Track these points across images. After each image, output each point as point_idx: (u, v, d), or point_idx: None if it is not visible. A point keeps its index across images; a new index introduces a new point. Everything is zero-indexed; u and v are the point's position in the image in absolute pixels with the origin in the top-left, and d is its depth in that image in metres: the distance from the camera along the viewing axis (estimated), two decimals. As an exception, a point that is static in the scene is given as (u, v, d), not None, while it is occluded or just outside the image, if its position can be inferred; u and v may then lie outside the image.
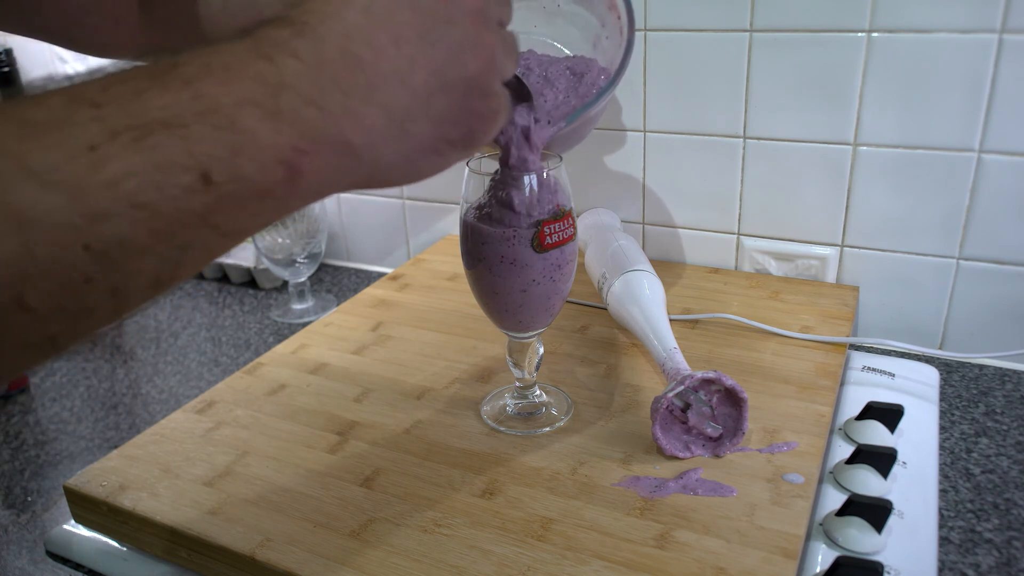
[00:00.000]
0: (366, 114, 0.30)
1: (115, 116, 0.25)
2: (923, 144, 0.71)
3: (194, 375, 0.79)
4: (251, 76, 0.27)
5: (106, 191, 0.25)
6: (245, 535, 0.49)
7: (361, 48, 0.30)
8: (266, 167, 0.28)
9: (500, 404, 0.61)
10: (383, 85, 0.31)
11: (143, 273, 0.27)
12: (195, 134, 0.26)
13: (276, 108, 0.28)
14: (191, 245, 0.27)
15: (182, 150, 0.26)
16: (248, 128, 0.27)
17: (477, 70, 0.34)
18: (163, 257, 0.27)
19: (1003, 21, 0.64)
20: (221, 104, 0.27)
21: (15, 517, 0.60)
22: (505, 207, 0.50)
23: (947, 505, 0.55)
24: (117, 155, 0.25)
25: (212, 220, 0.27)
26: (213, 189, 0.26)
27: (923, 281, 0.75)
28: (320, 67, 0.29)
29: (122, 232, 0.25)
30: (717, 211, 0.82)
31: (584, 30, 0.65)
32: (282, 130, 0.28)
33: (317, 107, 0.29)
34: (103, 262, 0.25)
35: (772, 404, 0.59)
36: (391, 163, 0.32)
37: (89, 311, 0.26)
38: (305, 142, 0.29)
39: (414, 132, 0.32)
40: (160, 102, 0.26)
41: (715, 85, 0.77)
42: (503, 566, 0.45)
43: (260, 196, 0.28)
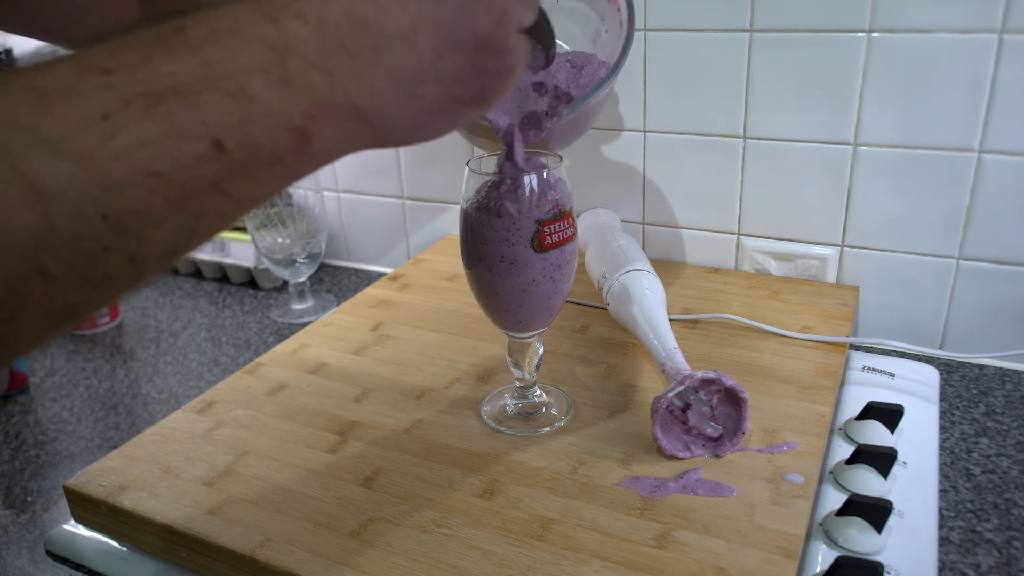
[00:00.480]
0: (373, 77, 0.30)
1: (125, 84, 0.25)
2: (923, 144, 0.71)
3: (194, 375, 0.79)
4: (257, 40, 0.27)
5: (121, 161, 0.25)
6: (245, 535, 0.49)
7: (365, 8, 0.29)
8: (276, 134, 0.28)
9: (500, 404, 0.61)
10: (389, 47, 0.30)
11: (160, 241, 0.27)
12: (205, 102, 0.26)
13: (284, 74, 0.27)
14: (205, 213, 0.27)
15: (194, 118, 0.26)
16: (257, 95, 0.27)
17: (488, 27, 0.32)
18: (179, 225, 0.27)
19: (1003, 21, 0.64)
20: (229, 71, 0.26)
21: (15, 517, 0.60)
22: (506, 203, 0.50)
23: (947, 505, 0.55)
24: (130, 124, 0.25)
25: (225, 187, 0.27)
26: (226, 156, 0.27)
27: (923, 281, 0.75)
28: (324, 30, 0.28)
29: (139, 201, 0.25)
30: (717, 211, 0.82)
31: (584, 26, 0.65)
32: (290, 97, 0.28)
33: (323, 72, 0.28)
34: (121, 231, 0.25)
35: (772, 404, 0.59)
36: (400, 125, 0.32)
37: (108, 279, 0.26)
38: (314, 108, 0.28)
39: (423, 94, 0.32)
40: (169, 68, 0.26)
41: (715, 85, 0.77)
42: (503, 566, 0.45)
43: (272, 163, 0.28)
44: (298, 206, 0.88)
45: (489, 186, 0.51)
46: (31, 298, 0.24)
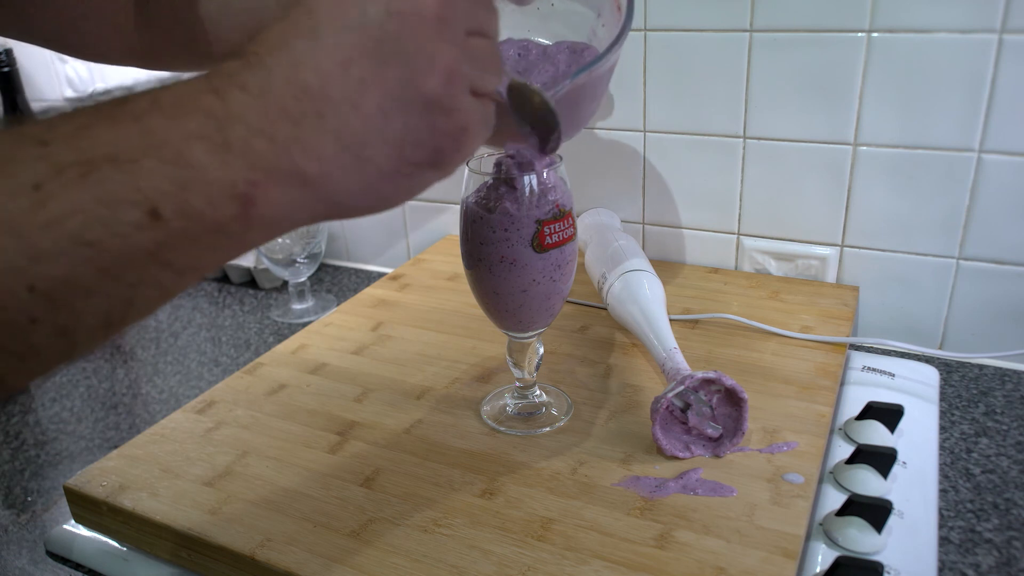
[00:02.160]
0: (318, 142, 0.29)
1: (61, 153, 0.25)
2: (923, 144, 0.71)
3: (194, 375, 0.79)
4: (199, 110, 0.27)
5: (49, 230, 0.24)
6: (245, 535, 0.49)
7: (308, 75, 0.29)
8: (216, 201, 0.27)
9: (500, 404, 0.61)
10: (332, 112, 0.29)
11: (92, 313, 0.26)
12: (142, 169, 0.25)
13: (224, 141, 0.27)
14: (142, 283, 0.27)
15: (129, 185, 0.25)
16: (196, 162, 0.26)
17: (436, 86, 0.31)
18: (113, 296, 0.26)
19: (1003, 21, 0.64)
20: (169, 139, 0.26)
21: (15, 517, 0.60)
22: (506, 203, 0.50)
23: (947, 505, 0.55)
24: (61, 192, 0.24)
25: (164, 257, 0.27)
26: (162, 225, 0.26)
27: (923, 281, 0.75)
28: (266, 97, 0.28)
29: (67, 272, 0.25)
30: (717, 211, 0.82)
31: (579, 28, 0.65)
32: (231, 163, 0.27)
33: (266, 138, 0.28)
34: (48, 302, 0.25)
35: (772, 404, 0.59)
36: (351, 190, 0.31)
37: (36, 351, 0.25)
38: (256, 173, 0.28)
39: (371, 157, 0.31)
40: (107, 137, 0.25)
41: (715, 85, 0.77)
42: (503, 566, 0.45)
43: (213, 231, 0.27)
44: (298, 206, 0.88)
45: (489, 186, 0.51)
46: None
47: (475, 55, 0.33)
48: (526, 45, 0.58)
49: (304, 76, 0.29)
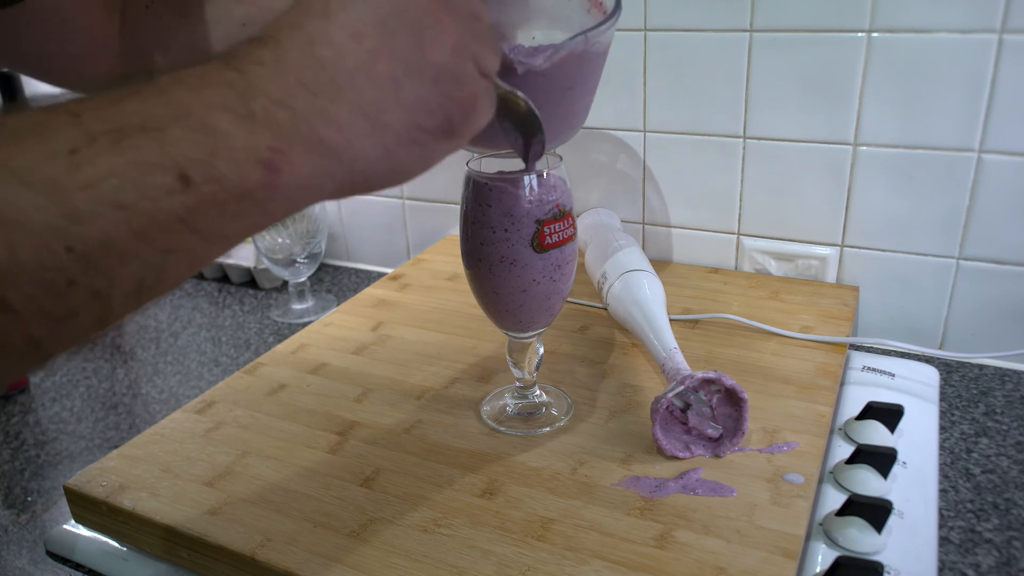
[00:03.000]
0: (336, 111, 0.30)
1: (92, 121, 0.26)
2: (923, 144, 0.71)
3: (194, 375, 0.79)
4: (221, 83, 0.28)
5: (86, 191, 0.25)
6: (245, 535, 0.49)
7: (322, 49, 0.30)
8: (243, 167, 0.28)
9: (500, 404, 0.61)
10: (348, 81, 0.31)
11: (126, 278, 0.27)
12: (171, 137, 0.26)
13: (248, 111, 0.28)
14: (173, 250, 0.27)
15: (159, 151, 0.26)
16: (222, 130, 0.27)
17: (444, 56, 0.33)
18: (146, 262, 0.27)
19: (1003, 21, 0.64)
20: (194, 109, 0.27)
21: (15, 517, 0.60)
22: (506, 203, 0.50)
23: (947, 505, 0.55)
24: (95, 157, 0.25)
25: (193, 223, 0.27)
26: (192, 190, 0.27)
27: (923, 281, 0.75)
28: (284, 71, 0.30)
29: (104, 233, 0.25)
30: (717, 211, 0.82)
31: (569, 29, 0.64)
32: (256, 131, 0.28)
33: (287, 108, 0.29)
34: (86, 264, 0.25)
35: (772, 404, 0.59)
36: (372, 158, 0.32)
37: (72, 314, 0.26)
38: (279, 142, 0.29)
39: (388, 123, 0.32)
40: (135, 107, 0.27)
41: (715, 85, 0.77)
42: (503, 566, 0.45)
43: (239, 197, 0.28)
44: (298, 206, 0.88)
45: (489, 186, 0.51)
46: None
47: (477, 33, 0.35)
48: (514, 47, 0.57)
49: (318, 50, 0.30)
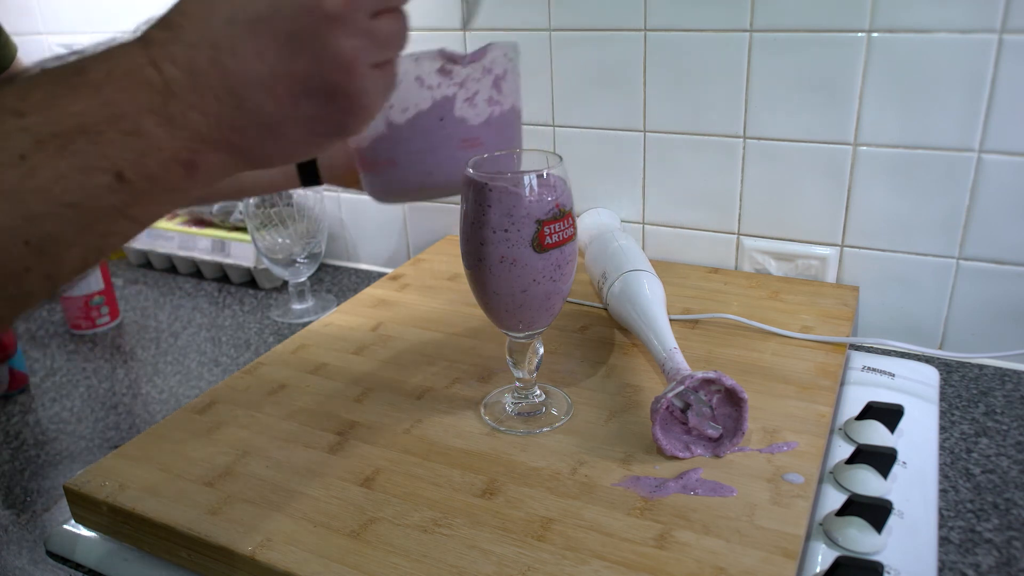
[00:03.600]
0: (240, 120, 0.33)
1: (38, 125, 0.29)
2: (923, 144, 0.71)
3: (194, 375, 0.79)
4: (145, 84, 0.31)
5: (40, 195, 0.29)
6: (245, 535, 0.49)
7: (227, 59, 0.32)
8: (168, 166, 0.32)
9: (500, 404, 0.61)
10: (250, 95, 0.33)
11: (73, 259, 0.32)
12: (107, 139, 0.30)
13: (168, 115, 0.32)
14: (112, 233, 0.32)
15: (99, 155, 0.30)
16: (150, 132, 0.31)
17: (339, 79, 0.34)
18: (89, 246, 0.32)
19: (1003, 21, 0.64)
20: (126, 112, 0.31)
21: (15, 517, 0.60)
22: (506, 203, 0.50)
23: (947, 505, 0.55)
24: (45, 163, 0.29)
25: (128, 212, 0.32)
26: (127, 187, 0.31)
27: (923, 281, 0.75)
28: (195, 76, 0.32)
29: (55, 228, 0.30)
30: (717, 211, 0.82)
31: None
32: (176, 135, 0.32)
33: (200, 112, 0.32)
34: (40, 254, 0.30)
35: (772, 404, 0.59)
36: (271, 155, 0.36)
37: (28, 294, 0.31)
38: (196, 143, 0.33)
39: (286, 133, 0.35)
40: (75, 108, 0.30)
41: (715, 85, 0.77)
42: (503, 566, 0.45)
43: (167, 189, 0.33)
44: (298, 206, 0.88)
45: (489, 187, 0.51)
46: None
47: (379, 36, 0.36)
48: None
49: (224, 59, 0.32)
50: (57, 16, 1.15)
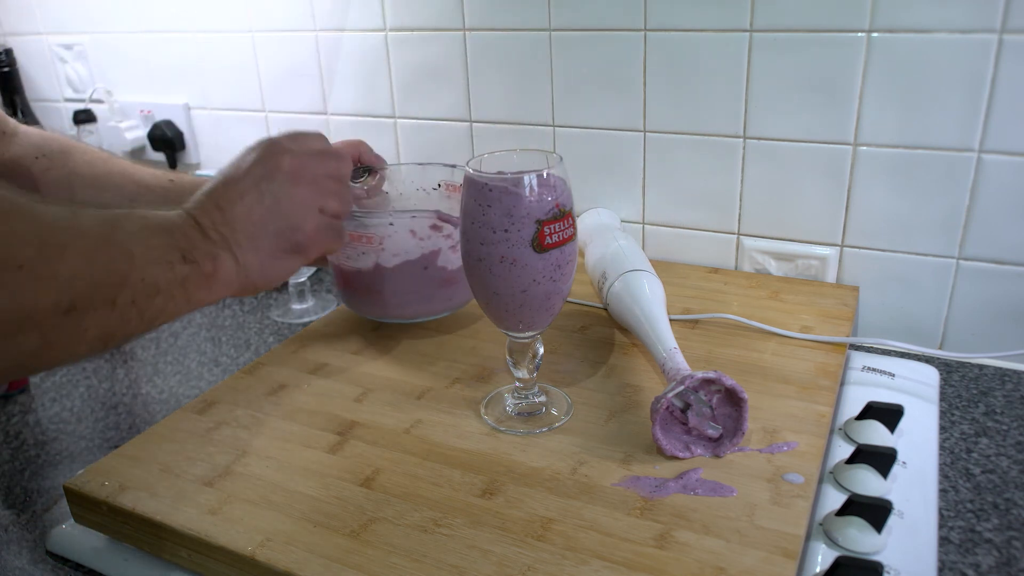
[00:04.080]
0: (236, 238, 0.52)
1: (185, 243, 0.50)
2: (923, 144, 0.71)
3: (194, 375, 0.79)
4: (196, 232, 0.51)
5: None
6: (245, 535, 0.49)
7: (233, 210, 0.53)
8: (206, 260, 0.50)
9: (500, 404, 0.61)
10: (242, 226, 0.53)
11: (155, 308, 0.47)
12: (185, 249, 0.50)
13: (207, 239, 0.51)
14: (172, 298, 0.49)
15: (178, 251, 0.49)
16: (201, 247, 0.50)
17: (302, 237, 0.55)
18: (165, 301, 0.48)
19: (1003, 21, 0.64)
20: (196, 244, 0.50)
21: (15, 517, 0.60)
22: (506, 203, 0.50)
23: (947, 505, 0.55)
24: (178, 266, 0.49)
25: (184, 288, 0.49)
26: (189, 266, 0.49)
27: (923, 281, 0.75)
28: (218, 223, 0.52)
29: (156, 281, 0.47)
30: (717, 211, 0.82)
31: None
32: (210, 248, 0.51)
33: (221, 236, 0.52)
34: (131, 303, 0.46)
35: (772, 404, 0.59)
36: (252, 267, 0.53)
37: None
38: (217, 250, 0.51)
39: (261, 246, 0.54)
40: (187, 242, 0.50)
41: (715, 85, 0.77)
42: (503, 566, 0.45)
43: (204, 276, 0.50)
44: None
45: (489, 188, 0.51)
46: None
47: (326, 190, 0.57)
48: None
49: (229, 212, 0.53)
50: (57, 16, 1.15)
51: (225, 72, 1.05)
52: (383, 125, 0.97)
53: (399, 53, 0.92)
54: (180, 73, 1.09)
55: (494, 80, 0.88)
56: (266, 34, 1.00)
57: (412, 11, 0.89)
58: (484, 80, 0.89)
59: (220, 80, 1.06)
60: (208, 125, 1.11)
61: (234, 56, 1.03)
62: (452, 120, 0.93)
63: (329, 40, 0.96)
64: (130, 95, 1.15)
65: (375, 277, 0.69)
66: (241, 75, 1.04)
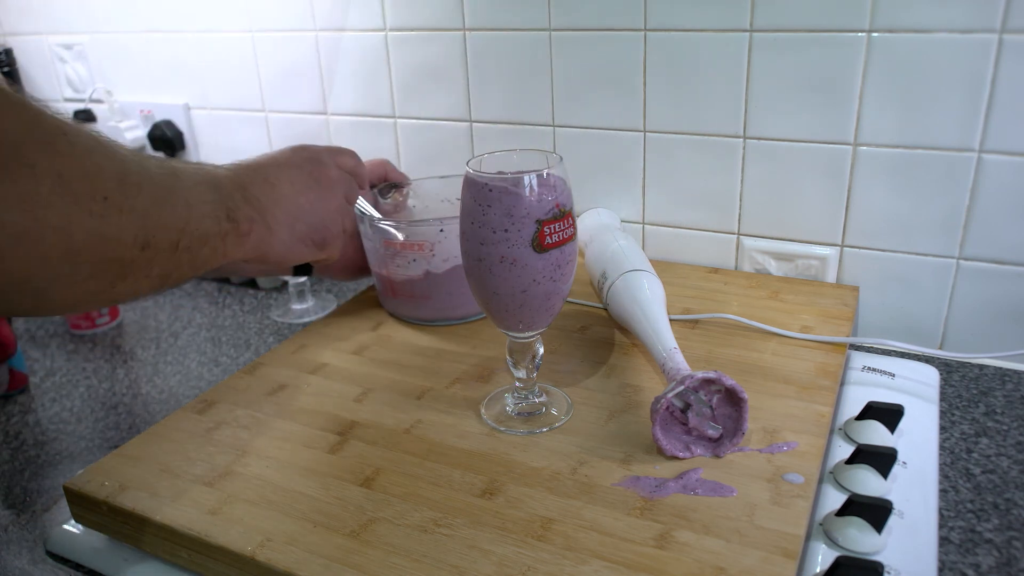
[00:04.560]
0: (275, 212, 0.60)
1: (229, 201, 0.55)
2: (923, 144, 0.71)
3: (194, 375, 0.79)
4: (246, 237, 0.57)
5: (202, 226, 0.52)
6: (245, 535, 0.49)
7: (279, 189, 0.61)
8: (245, 221, 0.56)
9: (500, 404, 0.61)
10: (285, 202, 0.61)
11: (201, 255, 0.52)
12: (230, 208, 0.55)
13: (247, 206, 0.58)
14: (215, 249, 0.54)
15: (223, 209, 0.55)
16: (243, 211, 0.56)
17: (328, 220, 0.65)
18: (207, 251, 0.53)
19: (1003, 21, 0.64)
20: (241, 212, 0.57)
21: (15, 517, 0.60)
22: (506, 203, 0.50)
23: (947, 505, 0.55)
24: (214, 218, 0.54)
25: (224, 240, 0.55)
26: (230, 223, 0.55)
27: (923, 281, 0.75)
28: (259, 196, 0.59)
29: (204, 231, 0.52)
30: (717, 211, 0.82)
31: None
32: (246, 210, 0.57)
33: (258, 205, 0.58)
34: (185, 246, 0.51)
35: (772, 404, 0.59)
36: (283, 241, 0.60)
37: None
38: (255, 214, 0.58)
39: (295, 227, 0.62)
40: (240, 205, 0.57)
41: (715, 85, 0.77)
42: (503, 566, 0.45)
43: (241, 234, 0.56)
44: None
45: (489, 187, 0.51)
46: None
47: (351, 188, 0.69)
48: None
49: (277, 190, 0.61)
50: (57, 16, 1.15)
51: (225, 72, 1.05)
52: (383, 125, 0.97)
53: (399, 53, 0.92)
54: (180, 73, 1.09)
55: (494, 80, 0.88)
56: (266, 34, 1.00)
57: (412, 11, 0.89)
58: (484, 80, 0.89)
59: (220, 80, 1.06)
60: (208, 125, 1.11)
61: (234, 56, 1.03)
62: (452, 120, 0.93)
63: (329, 40, 0.96)
64: (130, 95, 1.15)
65: (426, 283, 0.72)
66: (241, 75, 1.04)
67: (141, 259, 0.45)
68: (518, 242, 0.50)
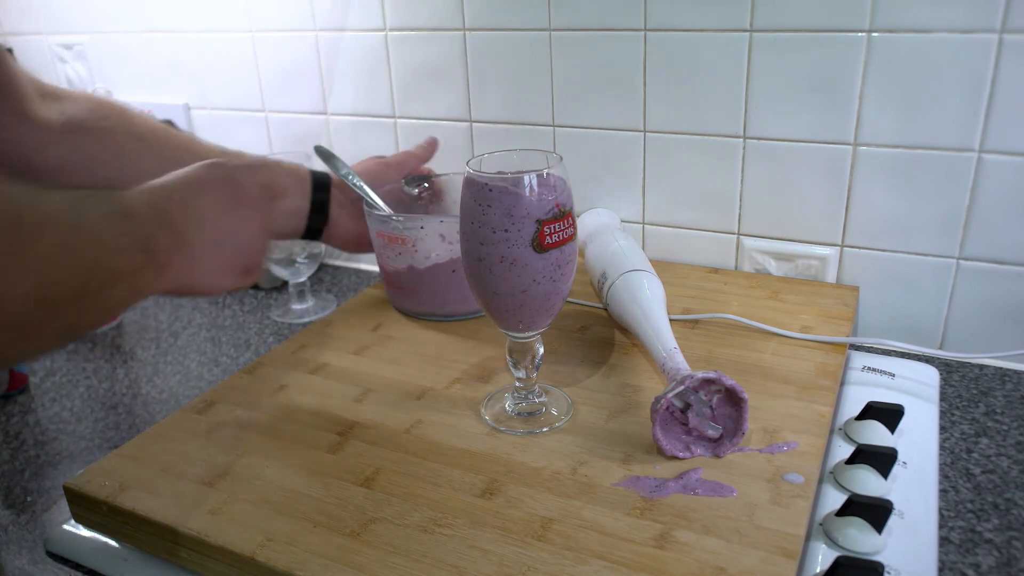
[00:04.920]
0: (192, 246, 0.53)
1: (145, 227, 0.49)
2: (923, 144, 0.71)
3: (194, 375, 0.79)
4: (163, 241, 0.50)
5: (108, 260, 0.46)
6: (245, 535, 0.49)
7: (197, 231, 0.54)
8: (161, 252, 0.50)
9: (500, 404, 0.61)
10: (199, 239, 0.53)
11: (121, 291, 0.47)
12: (149, 241, 0.49)
13: (167, 242, 0.51)
14: (128, 285, 0.48)
15: (143, 243, 0.48)
16: (162, 245, 0.50)
17: (254, 243, 0.59)
18: (122, 290, 0.47)
19: (1003, 21, 0.64)
20: (161, 244, 0.50)
21: (15, 517, 0.60)
22: (506, 203, 0.50)
23: (947, 505, 0.55)
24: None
25: (136, 275, 0.48)
26: (147, 257, 0.49)
27: (923, 281, 0.75)
28: (178, 234, 0.51)
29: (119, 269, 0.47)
30: (717, 211, 0.82)
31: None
32: (168, 243, 0.50)
33: (178, 238, 0.51)
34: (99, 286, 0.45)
35: (772, 404, 0.59)
36: (203, 274, 0.54)
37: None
38: (171, 252, 0.50)
39: (213, 263, 0.55)
40: (149, 232, 0.49)
41: (715, 85, 0.77)
42: (503, 566, 0.45)
43: (159, 266, 0.49)
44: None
45: (489, 187, 0.51)
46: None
47: (268, 227, 0.62)
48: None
49: (193, 233, 0.53)
50: (57, 16, 1.15)
51: (225, 72, 1.05)
52: (383, 125, 0.97)
53: (399, 53, 0.92)
54: (180, 73, 1.09)
55: (494, 80, 0.88)
56: (266, 34, 1.00)
57: (412, 11, 0.89)
58: (484, 80, 0.89)
59: (220, 80, 1.06)
60: (208, 125, 1.11)
61: (234, 56, 1.03)
62: (452, 120, 0.93)
63: (329, 40, 0.96)
64: (130, 95, 1.15)
65: (410, 277, 0.75)
66: (241, 75, 1.04)
67: (37, 315, 0.40)
68: (518, 242, 0.50)
